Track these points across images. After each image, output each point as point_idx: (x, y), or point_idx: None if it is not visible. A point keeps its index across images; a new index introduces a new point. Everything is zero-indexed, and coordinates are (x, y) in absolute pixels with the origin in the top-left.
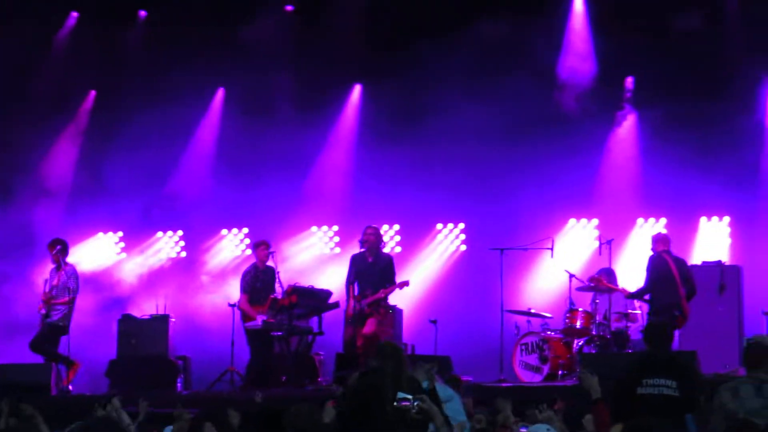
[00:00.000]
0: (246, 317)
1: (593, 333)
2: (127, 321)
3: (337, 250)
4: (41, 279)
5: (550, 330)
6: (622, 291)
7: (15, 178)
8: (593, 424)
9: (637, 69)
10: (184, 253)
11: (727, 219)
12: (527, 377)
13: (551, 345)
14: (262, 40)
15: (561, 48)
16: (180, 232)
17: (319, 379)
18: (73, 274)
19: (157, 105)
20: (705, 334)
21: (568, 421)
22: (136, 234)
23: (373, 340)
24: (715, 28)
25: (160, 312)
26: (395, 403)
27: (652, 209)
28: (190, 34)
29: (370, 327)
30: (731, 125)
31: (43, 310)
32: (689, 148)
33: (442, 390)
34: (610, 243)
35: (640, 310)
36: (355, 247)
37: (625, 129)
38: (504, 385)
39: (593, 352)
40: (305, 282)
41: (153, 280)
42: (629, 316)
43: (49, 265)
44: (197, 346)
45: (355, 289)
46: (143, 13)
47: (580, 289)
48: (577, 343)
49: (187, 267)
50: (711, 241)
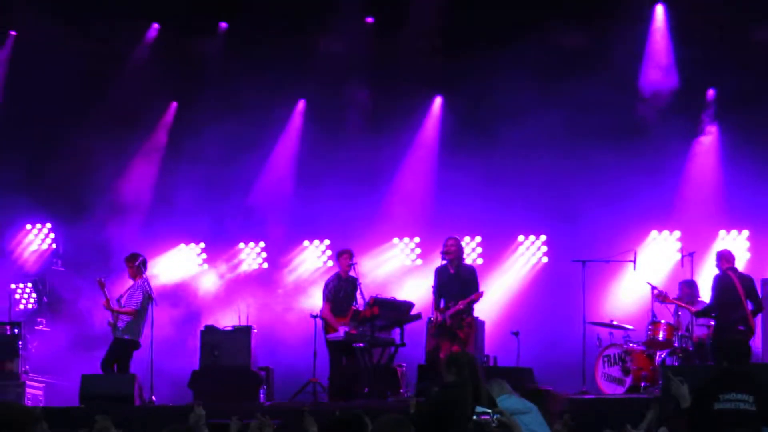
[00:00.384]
0: (328, 327)
1: (675, 345)
2: (210, 332)
3: (419, 261)
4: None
5: (632, 342)
6: (688, 308)
7: (91, 193)
8: None
9: (719, 80)
10: (266, 265)
11: None
12: (609, 389)
13: (634, 357)
14: (341, 51)
15: (641, 58)
16: (262, 244)
17: (401, 390)
18: (140, 288)
19: (236, 116)
20: None
21: None
22: (217, 245)
23: None
24: None
25: (243, 323)
26: (475, 416)
27: (734, 221)
28: (269, 46)
29: (456, 346)
30: None
31: (110, 319)
32: None
33: (520, 402)
34: (692, 255)
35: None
36: (437, 259)
37: (707, 140)
38: (586, 397)
39: (675, 364)
40: (387, 294)
41: (235, 291)
42: (711, 328)
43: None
44: (280, 357)
45: (441, 303)
46: (224, 25)
47: (662, 301)
48: (659, 355)
49: (269, 278)
50: None
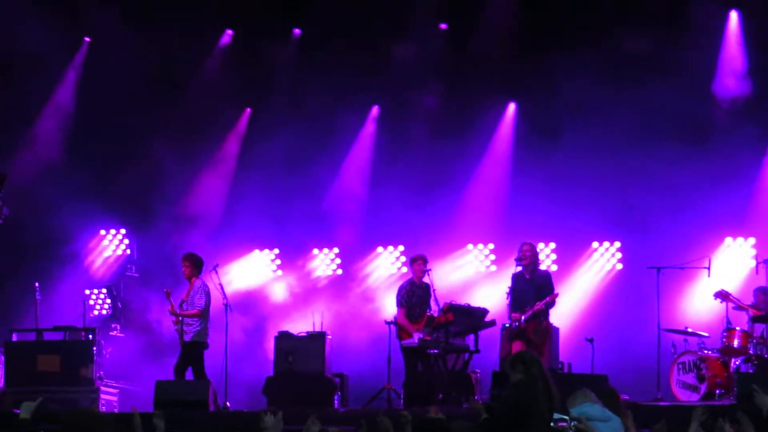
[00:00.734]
0: (402, 333)
1: (751, 352)
2: (284, 338)
3: (493, 268)
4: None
5: (707, 349)
6: (748, 310)
7: (164, 200)
8: None
9: None
10: (339, 271)
11: None
12: (684, 396)
13: (708, 364)
14: (414, 57)
15: (714, 64)
16: (336, 250)
17: (476, 397)
18: (201, 290)
19: (309, 122)
20: None
21: None
22: (291, 252)
23: None
24: None
25: (317, 329)
26: (552, 423)
27: None
28: (342, 52)
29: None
30: None
31: (176, 326)
32: None
33: (600, 411)
34: (766, 262)
35: None
36: (511, 265)
37: None
38: (661, 404)
39: (751, 371)
40: (461, 300)
41: (309, 297)
42: None
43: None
44: (354, 363)
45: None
46: (297, 31)
47: (737, 308)
48: (734, 362)
49: (342, 284)
50: None
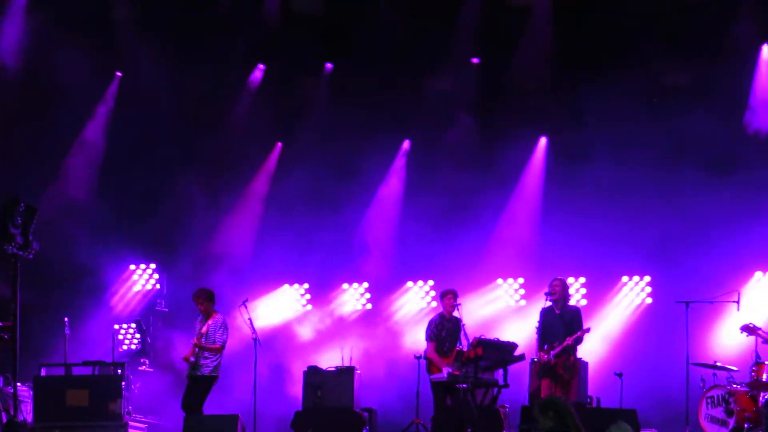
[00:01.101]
0: (431, 367)
1: None
2: (313, 373)
3: (523, 302)
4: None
5: (736, 383)
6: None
7: (195, 235)
8: None
9: None
10: (369, 305)
11: None
12: (713, 430)
13: (737, 398)
14: (447, 90)
15: (746, 95)
16: (365, 284)
17: (505, 431)
18: (222, 324)
19: (340, 156)
20: None
21: None
22: (322, 286)
23: None
24: None
25: (346, 364)
26: None
27: None
28: (374, 86)
29: (559, 387)
30: None
31: (192, 358)
32: None
33: None
34: None
35: None
36: (541, 300)
37: None
38: None
39: None
40: (491, 334)
41: (339, 331)
42: None
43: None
44: (383, 397)
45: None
46: (329, 66)
47: (766, 342)
48: (763, 396)
49: (372, 319)
50: None
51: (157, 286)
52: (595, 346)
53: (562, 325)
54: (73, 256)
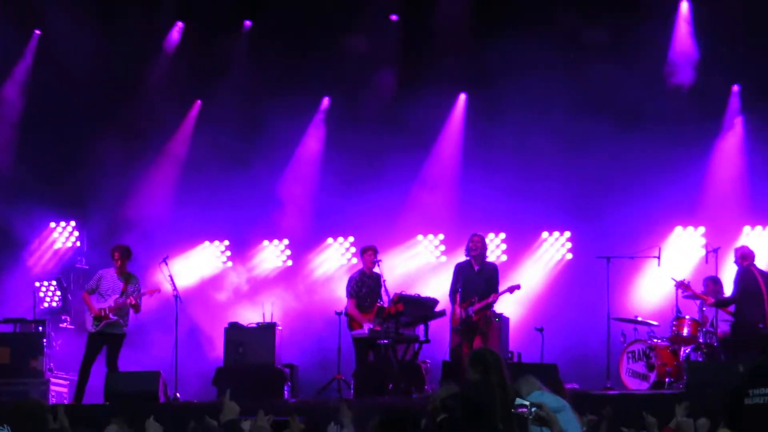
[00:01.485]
0: (352, 324)
1: (700, 341)
2: (234, 329)
3: (443, 258)
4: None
5: (656, 338)
6: (706, 299)
7: (113, 192)
8: None
9: (744, 75)
10: (290, 262)
11: None
12: (634, 385)
13: (658, 353)
14: (366, 48)
15: (665, 52)
16: (286, 241)
17: (426, 387)
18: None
19: (260, 114)
20: None
21: None
22: (242, 243)
23: None
24: None
25: (267, 320)
26: (513, 409)
27: (758, 216)
28: (293, 44)
29: (478, 344)
30: None
31: (113, 317)
32: None
33: (554, 400)
34: (716, 251)
35: None
36: (461, 256)
37: (732, 136)
38: (611, 392)
39: (700, 359)
40: (412, 290)
41: (259, 288)
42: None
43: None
44: (304, 354)
45: (457, 299)
46: (248, 24)
47: (686, 296)
48: (684, 350)
49: (293, 275)
50: None
51: (78, 244)
52: (516, 301)
53: (481, 282)
54: None
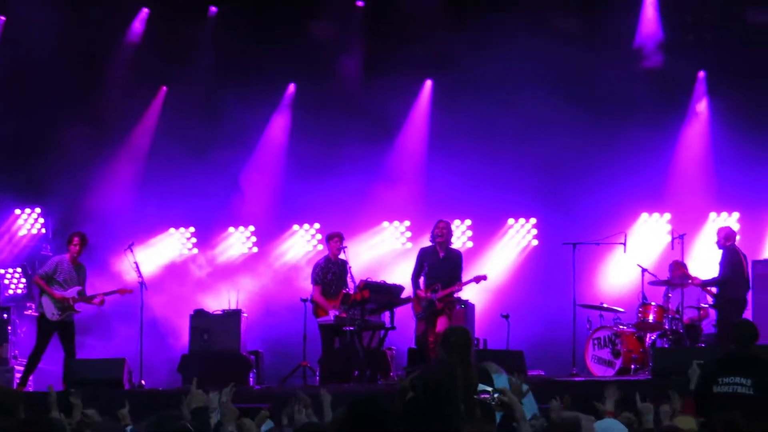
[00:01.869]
0: (318, 310)
1: (666, 327)
2: (199, 316)
3: (409, 245)
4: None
5: (622, 324)
6: (694, 279)
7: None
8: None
9: (710, 61)
10: (255, 249)
11: None
12: (600, 371)
13: (624, 339)
14: (332, 35)
15: (631, 38)
16: (251, 228)
17: (392, 374)
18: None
19: (226, 100)
20: None
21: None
22: (207, 230)
23: None
24: None
25: (233, 307)
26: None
27: (724, 203)
28: (259, 30)
29: (442, 326)
30: None
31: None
32: (763, 141)
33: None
34: (682, 237)
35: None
36: (427, 242)
37: (698, 122)
38: (576, 379)
39: (666, 346)
40: (377, 277)
41: (225, 275)
42: (702, 310)
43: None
44: (269, 340)
45: (420, 284)
46: (214, 10)
47: (652, 283)
48: (649, 337)
49: (258, 262)
50: None
51: (43, 231)
52: (482, 288)
53: (446, 268)
54: None
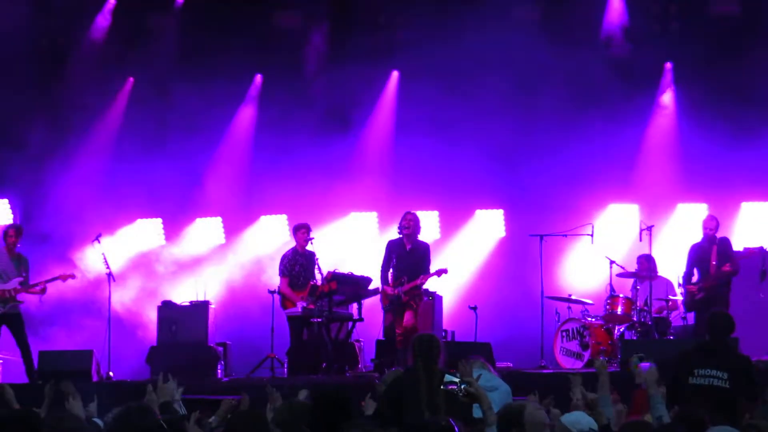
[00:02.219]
0: (286, 302)
1: (634, 319)
2: (167, 308)
3: (377, 236)
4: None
5: (590, 316)
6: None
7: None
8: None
9: (676, 50)
10: (223, 240)
11: None
12: (568, 364)
13: (592, 331)
14: (298, 25)
15: (597, 26)
16: (219, 219)
17: (359, 366)
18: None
19: (194, 92)
20: (746, 322)
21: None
22: (174, 221)
23: (412, 332)
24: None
25: (200, 299)
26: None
27: (692, 194)
28: (226, 21)
29: (408, 319)
30: None
31: (19, 299)
32: (730, 132)
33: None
34: (650, 229)
35: (682, 297)
36: (395, 234)
37: (665, 113)
38: (545, 371)
39: (634, 338)
40: (345, 269)
41: (192, 266)
42: (670, 302)
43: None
44: (237, 332)
45: (389, 277)
46: (180, 0)
47: (620, 275)
48: (618, 329)
49: (226, 253)
50: (753, 226)
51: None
52: (449, 280)
53: (413, 261)
54: None
